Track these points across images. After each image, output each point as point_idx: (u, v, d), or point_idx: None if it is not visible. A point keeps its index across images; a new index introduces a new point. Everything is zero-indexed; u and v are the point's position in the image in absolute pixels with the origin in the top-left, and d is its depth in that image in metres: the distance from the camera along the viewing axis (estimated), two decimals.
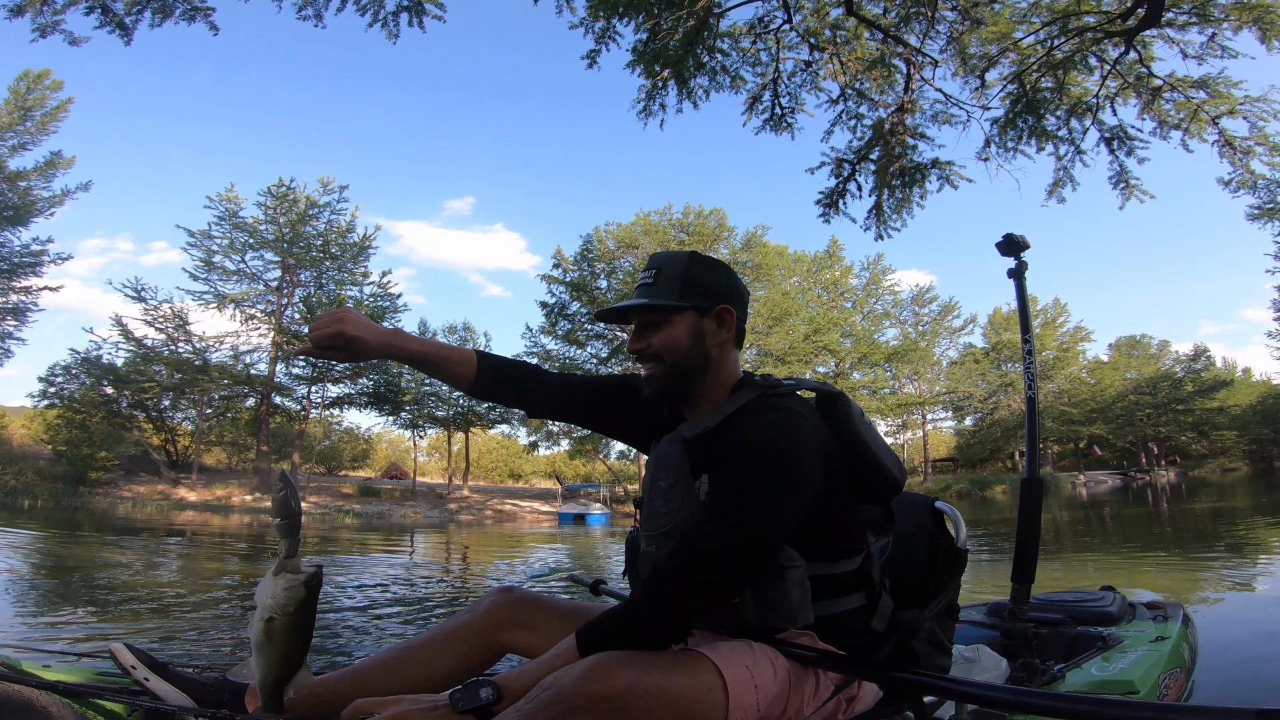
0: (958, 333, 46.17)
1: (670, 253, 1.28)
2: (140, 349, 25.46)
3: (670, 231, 29.81)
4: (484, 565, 9.87)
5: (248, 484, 25.74)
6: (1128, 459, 49.89)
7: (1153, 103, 7.15)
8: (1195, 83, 6.81)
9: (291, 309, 27.71)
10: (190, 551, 10.27)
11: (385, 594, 6.19)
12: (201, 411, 27.31)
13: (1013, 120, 7.42)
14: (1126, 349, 52.73)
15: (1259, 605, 4.42)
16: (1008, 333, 47.01)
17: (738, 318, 1.27)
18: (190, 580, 7.09)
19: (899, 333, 41.02)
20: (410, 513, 23.66)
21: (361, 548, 11.94)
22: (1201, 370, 49.78)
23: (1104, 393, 47.56)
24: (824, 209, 8.08)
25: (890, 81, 7.19)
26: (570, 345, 31.33)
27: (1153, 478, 41.26)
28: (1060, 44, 6.48)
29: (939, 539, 1.39)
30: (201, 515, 19.61)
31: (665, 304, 1.21)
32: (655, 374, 1.24)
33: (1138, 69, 6.84)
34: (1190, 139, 7.38)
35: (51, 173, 24.11)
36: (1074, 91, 7.21)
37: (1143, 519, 14.76)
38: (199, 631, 4.13)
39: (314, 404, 28.62)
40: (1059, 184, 7.92)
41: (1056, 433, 47.75)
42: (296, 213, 26.81)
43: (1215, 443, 49.92)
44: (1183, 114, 7.16)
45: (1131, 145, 7.47)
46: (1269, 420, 49.41)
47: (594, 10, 5.11)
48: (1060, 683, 1.59)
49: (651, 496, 1.26)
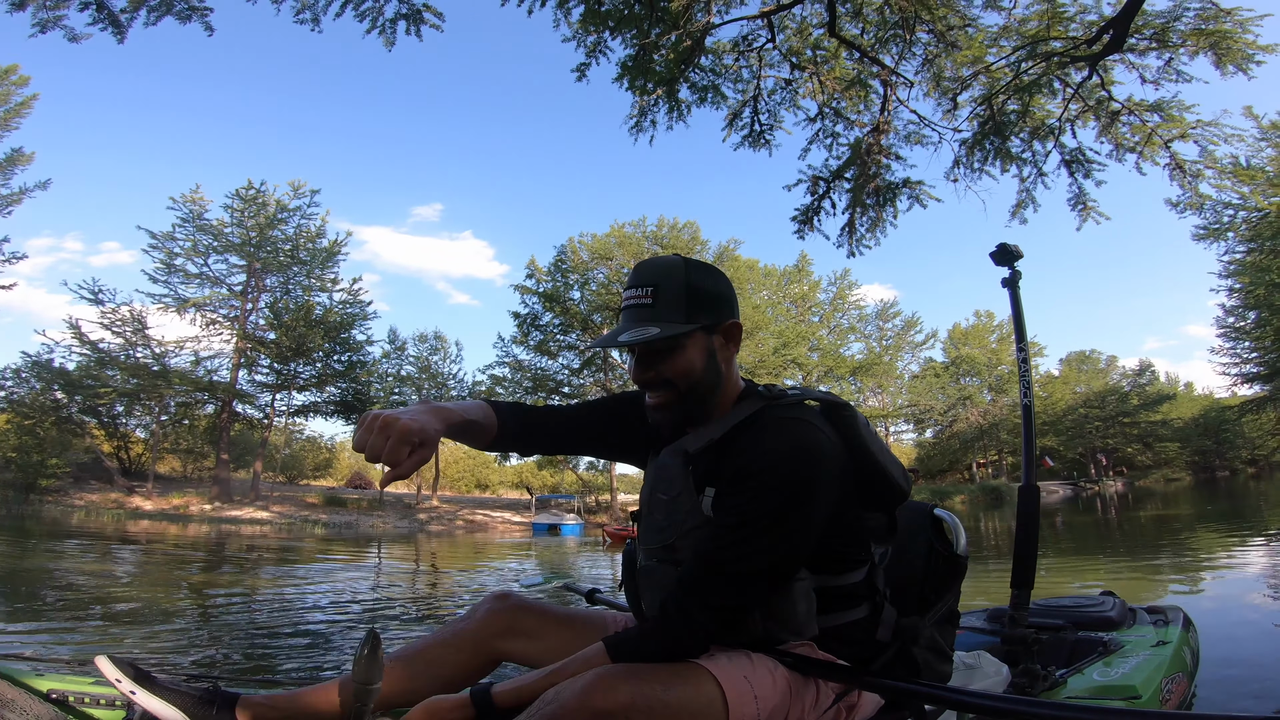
0: (919, 347, 47.33)
1: (661, 262, 1.17)
2: (96, 353, 24.41)
3: (644, 244, 29.87)
4: (471, 573, 9.66)
5: (205, 493, 24.81)
6: (1077, 470, 51.53)
7: (1111, 126, 7.38)
8: (1150, 106, 7.02)
9: (256, 314, 26.94)
10: (156, 560, 9.83)
11: (384, 601, 6.03)
12: (157, 418, 26.27)
13: (979, 141, 7.62)
14: (1076, 364, 54.59)
15: (1259, 608, 4.50)
16: (966, 347, 48.36)
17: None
18: (162, 588, 6.79)
19: (864, 346, 41.81)
20: (379, 523, 23.08)
21: (337, 556, 11.57)
22: (1146, 384, 51.83)
23: (1055, 406, 49.09)
24: (799, 225, 8.17)
25: (867, 102, 7.33)
26: (542, 356, 31.10)
27: (1101, 488, 42.60)
28: (1029, 68, 6.68)
29: (938, 546, 1.38)
30: (159, 525, 18.80)
31: (675, 332, 1.11)
32: (667, 401, 1.17)
33: (1099, 93, 7.09)
34: (1144, 162, 7.67)
35: (11, 170, 23.07)
36: (1037, 114, 7.43)
37: (1092, 526, 15.24)
38: (179, 639, 3.94)
39: (278, 412, 27.79)
40: (1021, 205, 8.10)
41: (1011, 444, 49.07)
42: (265, 216, 26.07)
43: (1159, 454, 51.96)
44: (1138, 137, 7.41)
45: (1089, 168, 7.74)
46: (1210, 433, 51.70)
47: (584, 23, 5.11)
48: (1062, 688, 1.58)
49: (651, 510, 1.21)
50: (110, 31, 4.53)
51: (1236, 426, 48.06)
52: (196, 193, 25.71)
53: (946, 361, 48.93)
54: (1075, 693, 1.56)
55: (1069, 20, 6.14)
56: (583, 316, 29.85)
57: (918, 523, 1.41)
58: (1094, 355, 54.90)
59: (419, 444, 1.02)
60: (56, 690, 1.22)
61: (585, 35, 5.26)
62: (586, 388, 30.76)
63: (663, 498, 1.18)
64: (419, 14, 4.58)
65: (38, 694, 1.17)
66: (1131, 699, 1.51)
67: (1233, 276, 30.92)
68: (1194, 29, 5.73)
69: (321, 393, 27.66)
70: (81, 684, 1.27)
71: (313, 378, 27.08)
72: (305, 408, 28.09)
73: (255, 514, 22.42)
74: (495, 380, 30.96)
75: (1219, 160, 7.43)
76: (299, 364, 26.50)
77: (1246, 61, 5.97)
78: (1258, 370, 32.73)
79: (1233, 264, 30.00)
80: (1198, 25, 5.71)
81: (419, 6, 4.59)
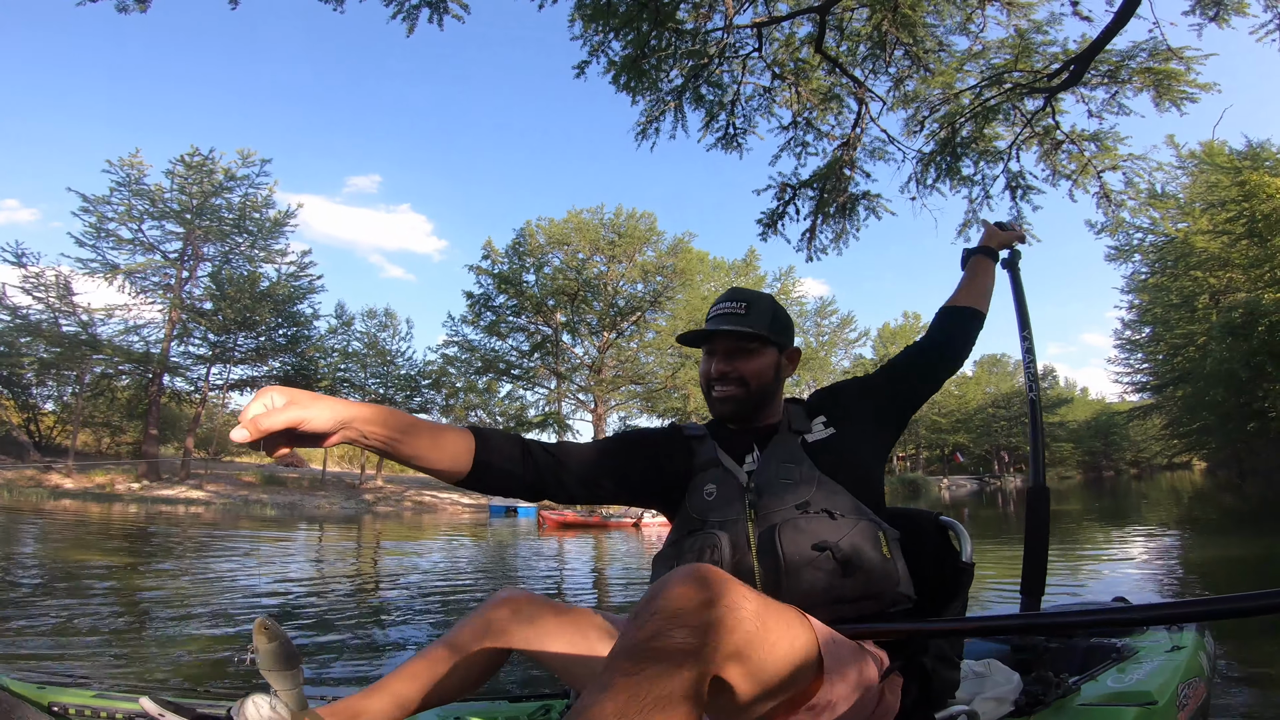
0: (852, 344, 48.94)
1: (755, 291, 1.37)
2: (14, 318, 22.29)
3: (601, 231, 29.63)
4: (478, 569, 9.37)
5: (129, 470, 23.13)
6: (983, 466, 54.71)
7: (1053, 153, 7.76)
8: (1089, 136, 7.35)
9: (193, 284, 25.21)
10: (122, 545, 9.08)
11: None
12: (76, 390, 24.28)
13: (933, 158, 7.86)
14: (988, 366, 57.57)
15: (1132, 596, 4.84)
16: (894, 345, 50.40)
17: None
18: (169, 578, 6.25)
19: (802, 341, 42.84)
20: (325, 504, 22.11)
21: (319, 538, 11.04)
22: (1048, 388, 55.35)
23: (967, 405, 51.82)
24: (764, 228, 8.29)
25: (839, 116, 7.46)
26: (492, 337, 30.51)
27: (1003, 483, 45.21)
28: (991, 96, 6.93)
29: (944, 554, 1.35)
30: (82, 504, 17.41)
31: (765, 335, 1.31)
32: (735, 395, 1.32)
33: (1046, 120, 7.42)
34: (1076, 189, 8.11)
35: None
36: (988, 136, 7.71)
37: (996, 520, 16.04)
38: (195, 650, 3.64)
39: (213, 386, 26.17)
40: (968, 224, 8.42)
41: (928, 440, 51.64)
42: (211, 184, 24.33)
43: (1055, 453, 55.70)
44: (1075, 165, 7.80)
45: (1029, 192, 8.09)
46: (1100, 435, 55.87)
47: (584, 18, 4.96)
48: (1076, 695, 1.51)
49: (770, 482, 1.23)
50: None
51: (1124, 430, 52.12)
52: (135, 157, 23.71)
53: (875, 359, 50.88)
54: (1089, 700, 1.49)
55: (1033, 52, 6.38)
56: (537, 300, 29.38)
57: (923, 530, 1.38)
58: (1004, 358, 58.04)
59: (296, 428, 0.88)
60: (59, 704, 1.18)
61: (591, 35, 5.12)
62: (537, 369, 30.39)
63: (787, 480, 1.22)
64: (443, 2, 4.31)
65: (40, 706, 1.14)
66: (1148, 705, 1.44)
67: (1134, 293, 33.45)
68: (1143, 67, 6.04)
69: (263, 366, 26.22)
70: (83, 697, 1.22)
71: (252, 351, 25.62)
72: (243, 381, 26.58)
73: (189, 494, 21.04)
74: (448, 360, 30.18)
75: (1142, 192, 7.92)
76: (241, 336, 25.02)
77: (1184, 99, 6.40)
78: (1147, 380, 35.56)
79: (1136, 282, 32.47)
80: (1147, 64, 6.01)
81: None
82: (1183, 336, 28.56)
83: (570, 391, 31.23)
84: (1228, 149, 24.10)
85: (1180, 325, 28.77)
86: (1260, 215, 21.68)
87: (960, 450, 51.30)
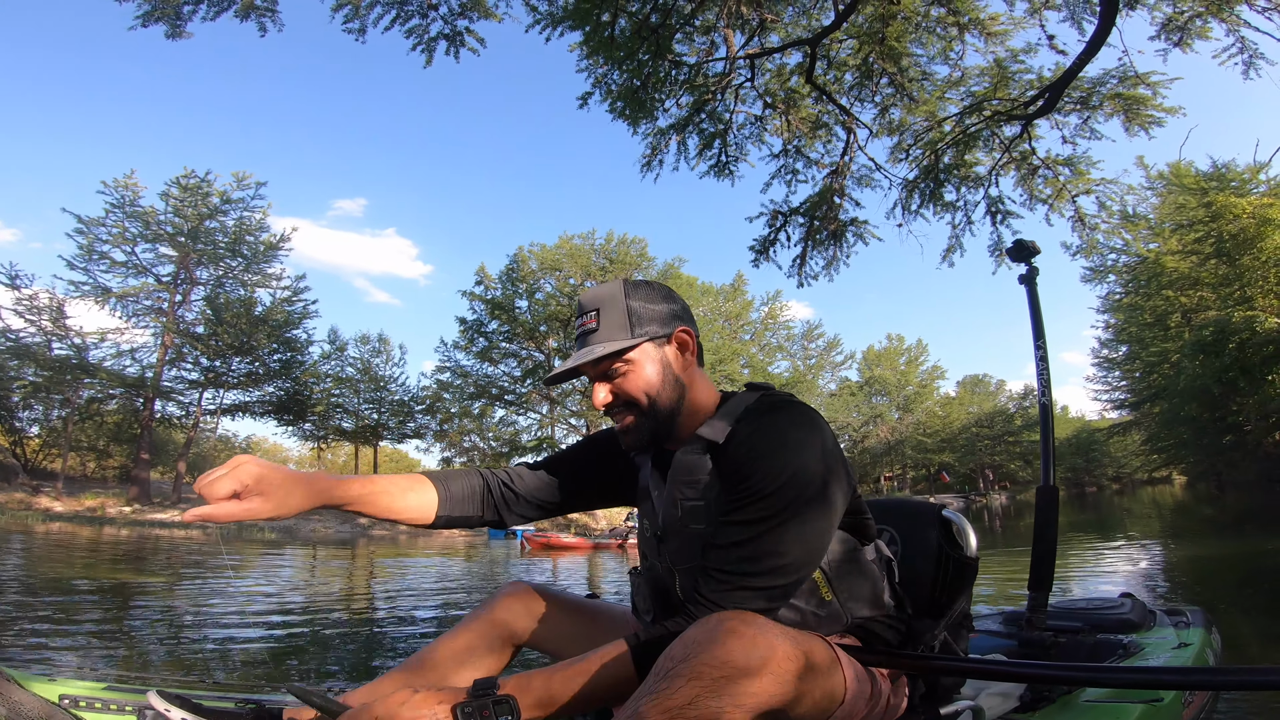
0: (839, 367, 49.26)
1: (601, 288, 1.11)
2: (8, 341, 21.95)
3: (592, 257, 29.80)
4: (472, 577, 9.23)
5: (118, 494, 22.65)
6: (968, 484, 54.82)
7: (1030, 178, 7.96)
8: (1063, 161, 7.56)
9: (186, 308, 24.99)
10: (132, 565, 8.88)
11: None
12: (67, 414, 23.84)
13: (916, 184, 8.05)
14: (971, 386, 57.98)
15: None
16: (879, 368, 50.77)
17: (695, 334, 1.14)
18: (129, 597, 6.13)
19: (789, 365, 43.11)
20: (320, 527, 21.74)
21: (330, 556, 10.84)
22: (1029, 407, 55.76)
23: (952, 425, 52.07)
24: (756, 254, 8.42)
25: (828, 144, 7.65)
26: (484, 363, 30.38)
27: (988, 500, 45.22)
28: (972, 123, 7.15)
29: (948, 549, 1.30)
30: (74, 527, 17.02)
31: (619, 347, 1.05)
32: (635, 424, 1.09)
33: (1022, 145, 7.65)
34: (1053, 214, 8.31)
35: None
36: (969, 162, 7.92)
37: (980, 534, 16.19)
38: (199, 651, 3.60)
39: (205, 410, 25.82)
40: (951, 249, 8.57)
41: (914, 459, 51.80)
42: (207, 206, 24.21)
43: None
44: (1050, 190, 7.98)
45: (1008, 216, 8.28)
46: (1081, 451, 56.25)
47: (589, 51, 5.11)
48: (1081, 691, 1.47)
49: (675, 527, 1.09)
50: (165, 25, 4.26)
51: (1104, 447, 52.54)
52: (130, 178, 23.66)
53: (861, 381, 51.18)
54: (1094, 696, 1.46)
55: (1010, 80, 6.61)
56: (529, 326, 29.40)
57: (926, 524, 1.33)
58: (986, 379, 58.49)
59: (254, 493, 0.93)
60: (68, 695, 1.17)
61: (594, 67, 5.27)
62: (529, 394, 30.27)
63: (690, 503, 1.05)
64: (460, 36, 4.45)
65: (49, 699, 1.13)
66: (1153, 701, 1.43)
67: (1110, 312, 34.01)
68: (1113, 93, 6.27)
69: (255, 391, 25.92)
70: (94, 689, 1.22)
71: (245, 376, 25.34)
72: (235, 406, 26.25)
73: (181, 517, 20.58)
74: (442, 386, 29.98)
75: (1114, 215, 8.15)
76: (235, 361, 24.76)
77: (1152, 123, 6.63)
78: (1125, 397, 36.01)
79: (1111, 302, 33.03)
80: (1117, 90, 6.24)
81: (461, 30, 4.46)
82: (1157, 354, 29.01)
83: (563, 416, 31.11)
84: (1194, 170, 24.79)
85: (1154, 343, 29.24)
86: (1227, 235, 22.23)
87: (945, 469, 51.43)
